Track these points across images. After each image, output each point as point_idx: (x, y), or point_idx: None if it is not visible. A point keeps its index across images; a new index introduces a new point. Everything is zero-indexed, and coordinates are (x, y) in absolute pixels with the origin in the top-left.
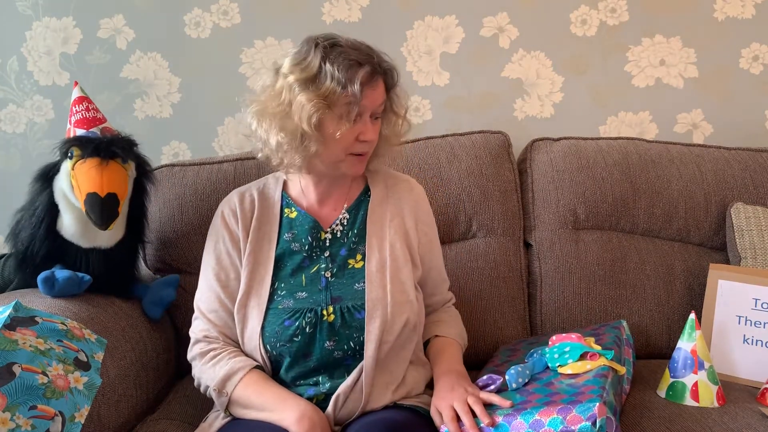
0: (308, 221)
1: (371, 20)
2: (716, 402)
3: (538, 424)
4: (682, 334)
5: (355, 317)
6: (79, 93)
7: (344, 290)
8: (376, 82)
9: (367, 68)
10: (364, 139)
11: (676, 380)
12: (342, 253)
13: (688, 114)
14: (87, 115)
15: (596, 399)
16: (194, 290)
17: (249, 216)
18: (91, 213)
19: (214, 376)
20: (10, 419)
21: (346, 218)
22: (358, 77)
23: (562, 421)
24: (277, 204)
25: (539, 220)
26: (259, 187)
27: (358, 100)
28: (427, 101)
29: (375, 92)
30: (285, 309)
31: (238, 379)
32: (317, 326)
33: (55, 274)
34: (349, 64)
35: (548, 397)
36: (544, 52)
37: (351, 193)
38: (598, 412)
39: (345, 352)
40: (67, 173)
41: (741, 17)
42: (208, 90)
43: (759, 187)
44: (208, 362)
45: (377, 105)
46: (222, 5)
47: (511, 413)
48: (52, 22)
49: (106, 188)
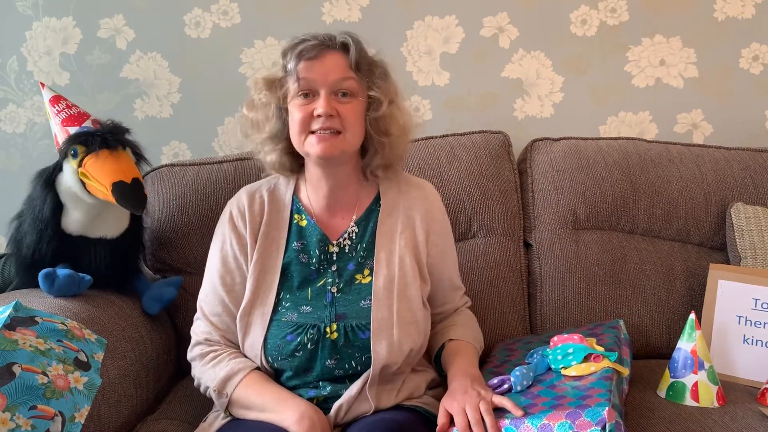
0: (317, 233)
1: (371, 20)
2: (716, 402)
3: (547, 429)
4: (682, 334)
5: (359, 337)
6: (50, 93)
7: (349, 307)
8: (323, 54)
9: (309, 42)
10: (317, 114)
11: (676, 380)
12: (350, 268)
13: (688, 114)
14: (71, 112)
15: (605, 403)
16: (195, 291)
17: (258, 219)
18: (124, 201)
19: (214, 376)
20: (10, 419)
21: (355, 231)
22: (295, 51)
23: (571, 426)
24: (287, 208)
25: (539, 220)
26: (270, 187)
27: (293, 72)
28: (427, 101)
29: (322, 65)
30: (288, 322)
31: (238, 380)
32: (319, 343)
33: (56, 272)
34: (292, 46)
35: (555, 401)
36: (544, 52)
37: (361, 201)
38: (608, 417)
39: (346, 371)
40: (73, 172)
41: (741, 17)
42: (208, 90)
43: (759, 187)
44: (208, 363)
45: (331, 79)
46: (222, 5)
47: (519, 417)
48: (52, 22)
49: (130, 174)
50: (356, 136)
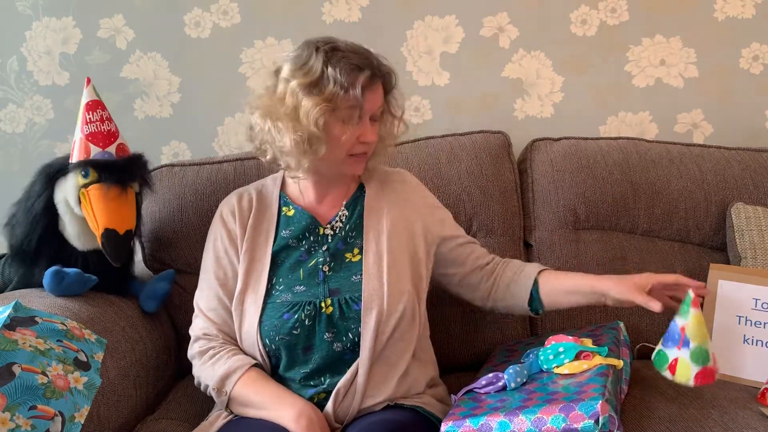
0: (305, 218)
1: (371, 20)
2: (692, 381)
3: (541, 422)
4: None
5: (353, 309)
6: (92, 96)
7: (342, 282)
8: (376, 85)
9: (368, 72)
10: (365, 141)
11: (662, 349)
12: (339, 247)
13: (688, 114)
14: (102, 128)
15: (598, 397)
16: (194, 290)
17: (246, 214)
18: (108, 249)
19: (213, 375)
20: (9, 419)
21: (345, 215)
22: (360, 81)
23: (565, 419)
24: (275, 203)
25: (539, 220)
26: (258, 188)
27: (360, 103)
28: (427, 101)
29: (375, 95)
30: (283, 303)
31: (236, 378)
32: (316, 318)
33: (65, 270)
34: (350, 67)
35: (550, 396)
36: (544, 52)
37: (348, 190)
38: (600, 410)
39: (344, 345)
40: (75, 187)
41: (741, 17)
42: (208, 90)
43: (759, 187)
44: (207, 361)
45: (377, 107)
46: (222, 5)
47: (513, 410)
48: (52, 22)
49: (125, 225)
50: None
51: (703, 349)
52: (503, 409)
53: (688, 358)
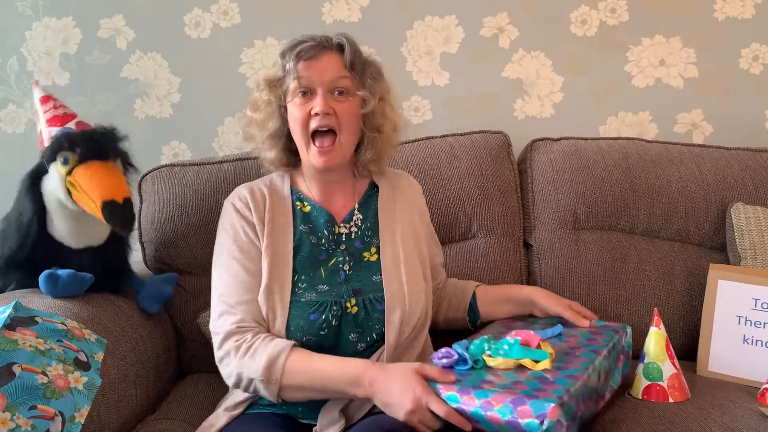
0: (323, 214)
1: (371, 20)
2: (641, 395)
3: (487, 406)
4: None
5: (377, 308)
6: (41, 93)
7: (364, 282)
8: (320, 54)
9: (307, 44)
10: (315, 112)
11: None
12: (357, 246)
13: (688, 114)
14: (57, 113)
15: (553, 399)
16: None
17: (261, 207)
18: (114, 221)
19: (256, 367)
20: (10, 419)
21: (359, 216)
22: (294, 52)
23: (512, 411)
24: (288, 198)
25: (539, 220)
26: (267, 183)
27: (292, 71)
28: (427, 101)
29: (319, 64)
30: (308, 302)
31: (282, 362)
32: (342, 318)
33: (57, 272)
34: (291, 46)
35: (511, 384)
36: (544, 52)
37: (357, 189)
38: (549, 413)
39: (367, 344)
40: (61, 179)
41: (741, 17)
42: (208, 90)
43: (759, 187)
44: (245, 356)
45: (328, 78)
46: (222, 5)
47: (467, 388)
48: (52, 22)
49: (122, 193)
50: (351, 134)
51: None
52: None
53: (641, 373)
